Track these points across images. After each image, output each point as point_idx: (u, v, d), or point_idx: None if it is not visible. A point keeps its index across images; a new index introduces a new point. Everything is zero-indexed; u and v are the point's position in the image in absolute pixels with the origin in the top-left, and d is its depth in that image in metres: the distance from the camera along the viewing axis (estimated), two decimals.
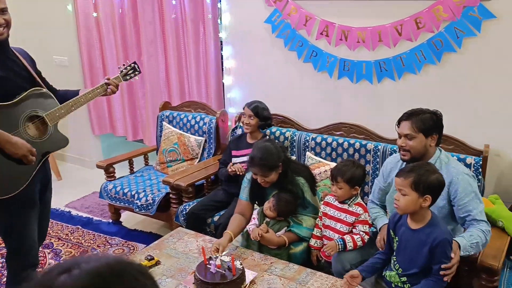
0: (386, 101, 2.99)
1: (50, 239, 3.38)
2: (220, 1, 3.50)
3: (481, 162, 2.60)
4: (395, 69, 2.90)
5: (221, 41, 3.63)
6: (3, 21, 2.06)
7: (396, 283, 2.01)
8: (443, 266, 1.85)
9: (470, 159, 2.63)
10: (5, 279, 2.68)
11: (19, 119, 2.12)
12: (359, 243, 2.28)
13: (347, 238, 2.30)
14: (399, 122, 2.25)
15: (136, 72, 2.64)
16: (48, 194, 2.43)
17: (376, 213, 2.36)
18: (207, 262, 2.11)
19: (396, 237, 2.03)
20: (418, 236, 1.91)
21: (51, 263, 3.07)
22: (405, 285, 1.98)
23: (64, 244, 3.35)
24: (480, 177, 2.60)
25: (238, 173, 2.91)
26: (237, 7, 3.43)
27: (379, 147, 2.90)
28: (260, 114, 3.01)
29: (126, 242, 3.38)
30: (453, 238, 1.94)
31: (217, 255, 2.18)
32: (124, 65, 2.61)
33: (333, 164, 2.96)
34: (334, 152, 3.05)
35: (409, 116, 2.20)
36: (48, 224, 2.56)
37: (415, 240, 1.92)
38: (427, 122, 2.16)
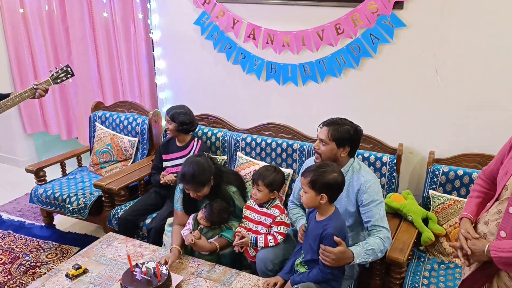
0: (311, 103, 3.13)
1: None
2: (149, 1, 3.49)
3: (395, 160, 2.80)
4: (318, 72, 3.03)
5: (153, 41, 3.63)
6: None
7: (300, 271, 2.18)
8: (321, 246, 2.03)
9: (386, 158, 2.82)
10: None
11: None
12: (271, 244, 2.42)
13: (260, 238, 2.44)
14: (322, 126, 2.36)
15: (69, 75, 2.77)
16: None
17: (296, 214, 2.50)
18: (133, 270, 2.17)
19: (307, 225, 2.22)
20: (318, 227, 2.09)
21: None
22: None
23: None
24: (394, 174, 2.80)
25: (170, 184, 2.97)
26: (166, 8, 3.44)
27: (305, 146, 3.04)
28: (176, 119, 3.03)
29: (59, 245, 3.36)
30: (349, 247, 2.08)
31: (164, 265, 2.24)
32: (56, 68, 2.72)
33: (262, 163, 3.09)
34: (263, 152, 3.17)
35: (329, 123, 2.31)
36: None
37: (315, 230, 2.10)
38: (342, 134, 2.26)
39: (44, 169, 3.51)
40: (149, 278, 2.13)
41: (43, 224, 3.63)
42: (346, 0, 2.81)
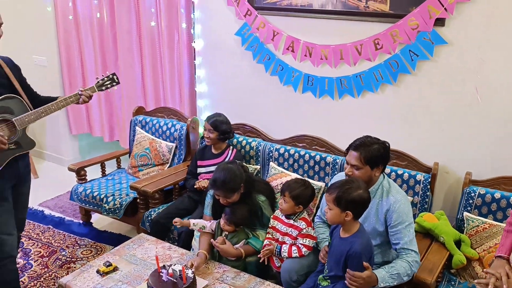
0: (346, 117, 3.13)
1: (21, 238, 3.47)
2: (193, 11, 3.60)
3: (430, 179, 2.75)
4: (355, 86, 3.03)
5: (195, 50, 3.73)
6: (2, 34, 2.30)
7: (323, 286, 2.18)
8: (348, 271, 2.02)
9: (420, 176, 2.77)
10: None
11: None
12: (295, 254, 2.42)
13: (284, 247, 2.46)
14: (347, 150, 2.33)
15: (114, 83, 2.79)
16: (23, 188, 2.59)
17: (322, 234, 2.48)
18: (160, 271, 2.23)
19: (331, 241, 2.22)
20: (342, 244, 2.08)
21: (19, 262, 3.17)
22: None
23: (34, 244, 3.46)
24: (428, 193, 2.75)
25: (203, 189, 3.03)
26: (209, 18, 3.53)
27: (338, 160, 3.03)
28: (218, 128, 3.11)
29: (95, 243, 3.49)
30: (373, 271, 2.06)
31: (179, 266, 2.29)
32: (102, 75, 2.77)
33: (294, 175, 3.11)
34: (296, 163, 3.18)
35: (357, 147, 2.26)
36: (25, 216, 2.70)
37: (340, 247, 2.10)
38: (374, 155, 2.23)
39: (85, 169, 3.66)
40: (174, 280, 2.18)
41: (81, 221, 3.78)
42: (386, 15, 2.80)
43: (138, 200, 3.29)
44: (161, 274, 2.22)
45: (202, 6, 3.53)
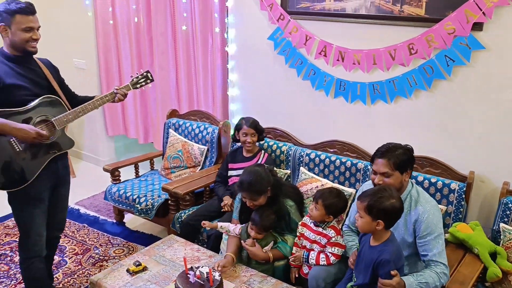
0: (378, 123, 3.08)
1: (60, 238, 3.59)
2: (227, 16, 3.63)
3: (465, 188, 2.67)
4: (387, 92, 2.98)
5: (228, 54, 3.76)
6: (40, 37, 2.36)
7: None
8: (379, 280, 1.98)
9: (454, 185, 2.69)
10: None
11: (30, 123, 2.35)
12: (323, 262, 2.40)
13: (312, 254, 2.44)
14: (372, 159, 2.30)
15: (148, 80, 2.83)
16: (62, 190, 2.67)
17: (351, 242, 2.45)
18: (188, 272, 2.26)
19: (360, 248, 2.18)
20: (372, 253, 2.04)
21: (55, 259, 3.27)
22: None
23: (70, 241, 3.57)
24: (463, 202, 2.67)
25: (227, 210, 3.05)
26: (242, 23, 3.56)
27: (369, 167, 2.98)
28: (258, 129, 3.16)
29: (127, 242, 3.57)
30: (402, 277, 2.01)
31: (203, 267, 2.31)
32: (137, 73, 2.82)
33: (325, 181, 3.08)
34: (326, 169, 3.15)
35: (383, 154, 2.23)
36: (64, 216, 2.78)
37: (369, 255, 2.06)
38: (401, 159, 2.20)
39: (119, 169, 3.75)
40: (201, 282, 2.20)
41: (115, 221, 3.87)
42: (421, 20, 2.75)
43: (169, 202, 3.34)
44: (188, 275, 2.24)
45: (236, 11, 3.56)
